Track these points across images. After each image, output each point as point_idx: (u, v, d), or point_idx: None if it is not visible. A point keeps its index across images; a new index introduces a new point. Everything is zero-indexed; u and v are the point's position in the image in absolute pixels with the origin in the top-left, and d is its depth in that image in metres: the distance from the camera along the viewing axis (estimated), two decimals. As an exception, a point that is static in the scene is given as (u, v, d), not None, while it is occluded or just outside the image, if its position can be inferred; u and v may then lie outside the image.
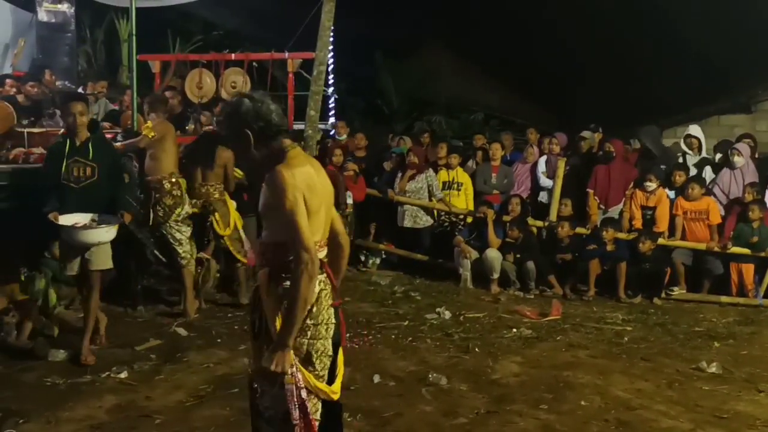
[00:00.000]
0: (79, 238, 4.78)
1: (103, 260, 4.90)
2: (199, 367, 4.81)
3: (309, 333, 2.62)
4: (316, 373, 2.64)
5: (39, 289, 5.61)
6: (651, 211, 7.64)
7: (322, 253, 2.69)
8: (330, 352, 2.69)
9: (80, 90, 7.98)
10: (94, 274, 4.90)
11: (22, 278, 5.40)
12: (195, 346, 5.27)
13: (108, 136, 6.46)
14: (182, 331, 5.62)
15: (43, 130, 6.25)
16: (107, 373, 4.59)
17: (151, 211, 5.93)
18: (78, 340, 5.02)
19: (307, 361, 2.61)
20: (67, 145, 4.84)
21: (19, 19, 9.94)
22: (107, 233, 4.80)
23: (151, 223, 5.97)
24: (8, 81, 7.72)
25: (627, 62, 9.67)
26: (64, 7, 9.86)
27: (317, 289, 2.62)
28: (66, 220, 4.79)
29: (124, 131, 6.67)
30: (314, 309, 2.62)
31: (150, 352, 5.11)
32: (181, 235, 5.98)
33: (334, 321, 2.70)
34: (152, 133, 5.78)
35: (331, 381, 2.70)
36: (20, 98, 7.57)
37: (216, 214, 6.23)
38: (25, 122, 6.51)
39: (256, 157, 2.67)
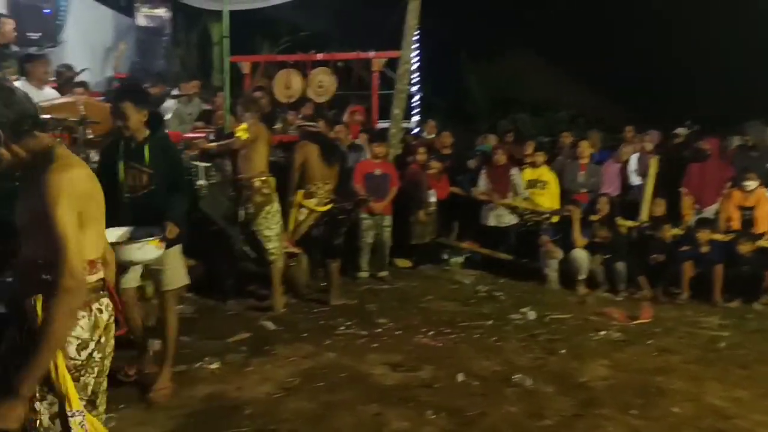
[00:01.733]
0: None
1: (175, 277, 4.27)
2: (286, 361, 4.92)
3: (96, 370, 2.23)
4: (100, 416, 2.29)
5: (136, 282, 5.89)
6: (749, 212, 7.29)
7: (99, 274, 2.27)
8: (105, 387, 2.33)
9: (175, 91, 8.29)
10: (168, 293, 4.29)
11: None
12: (282, 340, 5.40)
13: (201, 135, 6.71)
14: (270, 325, 5.78)
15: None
16: (200, 363, 4.76)
17: (242, 208, 6.12)
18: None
19: (92, 403, 2.24)
20: (121, 146, 4.14)
21: (119, 23, 10.46)
22: (139, 251, 3.86)
23: (241, 221, 6.17)
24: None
25: (723, 56, 9.28)
26: (161, 11, 10.30)
27: (105, 316, 2.24)
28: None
29: (216, 131, 6.90)
30: (103, 340, 2.24)
31: (240, 344, 5.26)
32: (270, 231, 6.13)
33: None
34: (245, 135, 5.96)
35: None
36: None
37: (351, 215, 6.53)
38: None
39: (6, 158, 2.13)
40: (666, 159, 8.13)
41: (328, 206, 6.51)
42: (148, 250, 3.86)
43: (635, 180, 8.04)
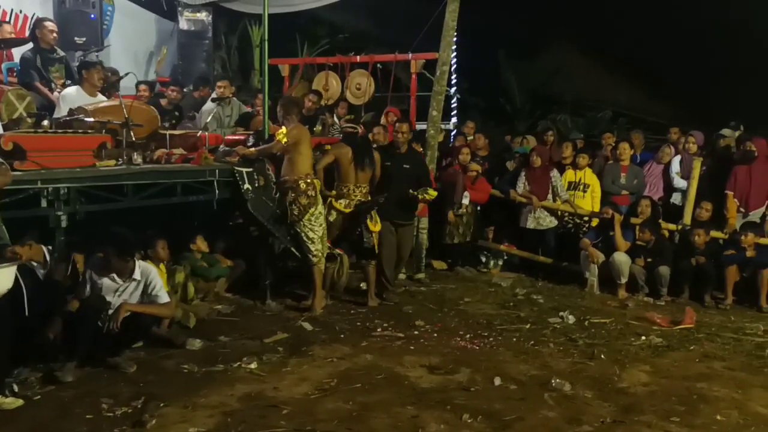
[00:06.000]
0: None
1: None
2: (323, 361, 4.95)
3: None
4: None
5: (178, 282, 6.00)
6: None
7: None
8: None
9: (214, 94, 8.38)
10: None
11: (164, 271, 5.75)
12: (320, 341, 5.43)
13: (240, 138, 6.78)
14: (308, 326, 5.82)
15: (183, 132, 6.64)
16: (238, 363, 4.82)
17: (288, 209, 6.17)
18: (212, 333, 5.40)
19: None
20: None
21: (162, 28, 10.63)
22: None
23: (287, 221, 6.22)
24: (143, 86, 8.27)
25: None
26: (202, 15, 10.43)
27: None
28: None
29: (255, 134, 6.96)
30: None
31: (277, 344, 5.31)
32: (314, 234, 6.19)
33: None
34: (285, 139, 6.02)
35: None
36: (163, 102, 8.10)
37: (372, 211, 6.45)
38: (166, 125, 6.94)
39: None
40: (711, 161, 7.95)
41: (353, 207, 6.50)
42: None
43: (678, 182, 7.88)
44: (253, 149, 6.25)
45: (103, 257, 4.72)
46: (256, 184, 6.12)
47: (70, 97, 5.97)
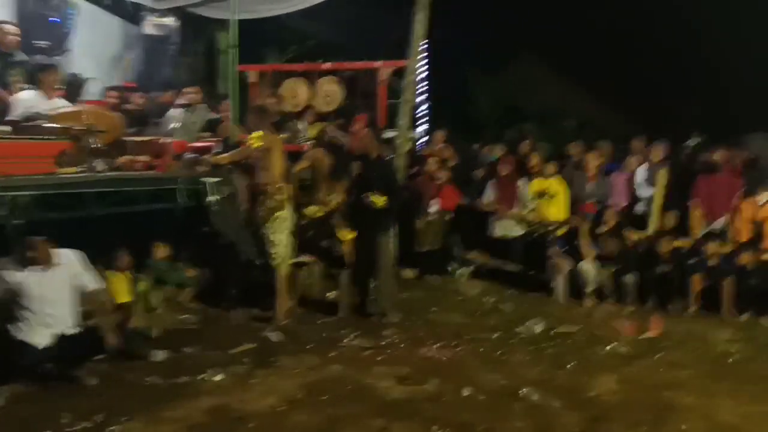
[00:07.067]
0: None
1: None
2: (290, 372, 4.89)
3: None
4: None
5: (141, 291, 5.87)
6: (760, 225, 7.21)
7: None
8: None
9: (181, 100, 8.24)
10: None
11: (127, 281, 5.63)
12: (287, 351, 5.36)
13: (206, 145, 6.69)
14: (275, 336, 5.74)
15: (148, 138, 6.52)
16: (203, 375, 4.73)
17: (255, 213, 6.10)
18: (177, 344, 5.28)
19: None
20: None
21: (126, 32, 10.44)
22: None
23: (253, 228, 6.14)
24: (112, 93, 8.08)
25: (732, 69, 9.25)
26: (168, 20, 10.28)
27: None
28: None
29: (222, 141, 6.86)
30: None
31: (244, 355, 5.23)
32: (275, 237, 6.14)
33: None
34: (257, 143, 5.97)
35: None
36: (128, 108, 7.94)
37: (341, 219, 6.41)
38: (131, 131, 6.81)
39: None
40: (675, 171, 8.06)
41: (320, 212, 6.43)
42: None
43: (643, 192, 7.98)
44: (225, 155, 6.17)
45: (10, 254, 4.53)
46: (222, 195, 6.04)
47: (25, 100, 5.82)
